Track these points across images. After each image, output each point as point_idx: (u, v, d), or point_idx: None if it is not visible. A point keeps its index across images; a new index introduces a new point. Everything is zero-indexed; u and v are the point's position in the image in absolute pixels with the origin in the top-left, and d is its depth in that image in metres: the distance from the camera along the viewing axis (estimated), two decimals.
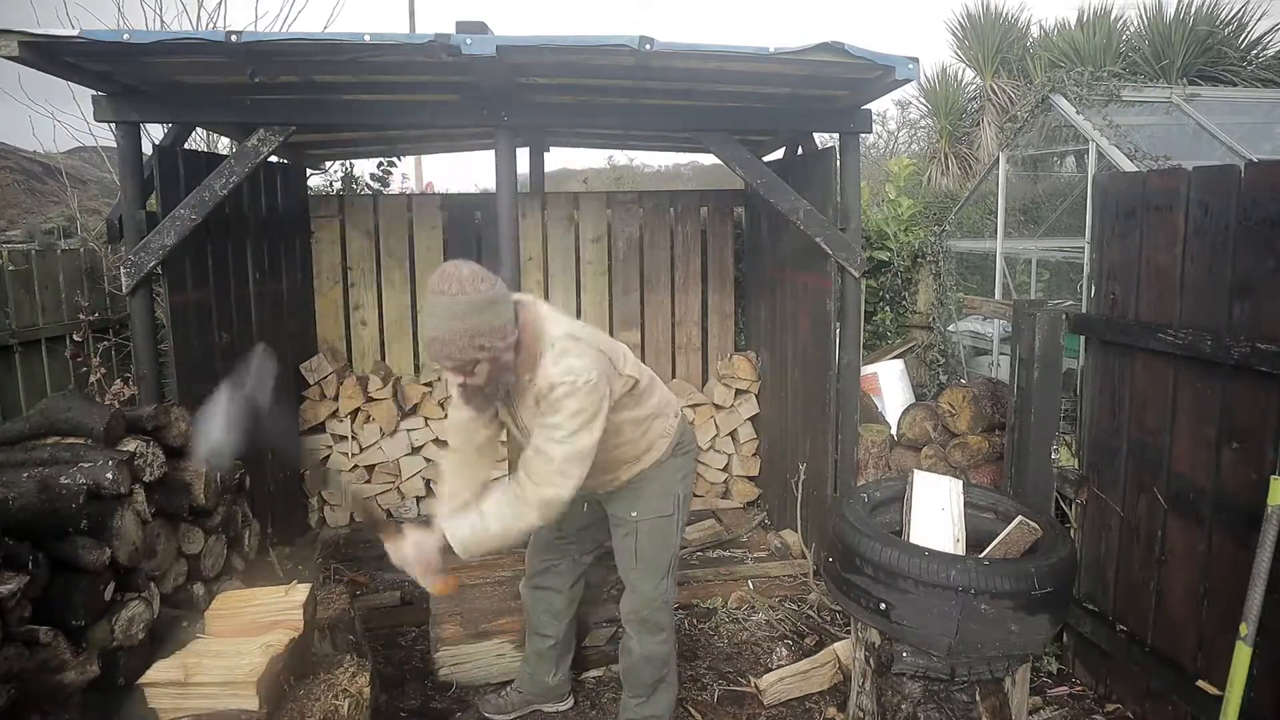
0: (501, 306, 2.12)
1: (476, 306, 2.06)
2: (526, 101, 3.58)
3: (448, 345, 2.07)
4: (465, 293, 2.05)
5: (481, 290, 2.07)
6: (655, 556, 2.60)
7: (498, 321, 2.10)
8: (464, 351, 2.08)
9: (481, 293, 2.07)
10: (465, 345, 2.06)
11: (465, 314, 2.04)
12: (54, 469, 2.36)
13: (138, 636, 2.38)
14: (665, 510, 2.59)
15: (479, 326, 2.06)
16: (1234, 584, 2.38)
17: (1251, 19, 8.91)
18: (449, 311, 2.05)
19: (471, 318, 2.05)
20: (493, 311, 2.09)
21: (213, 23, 6.36)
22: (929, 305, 6.21)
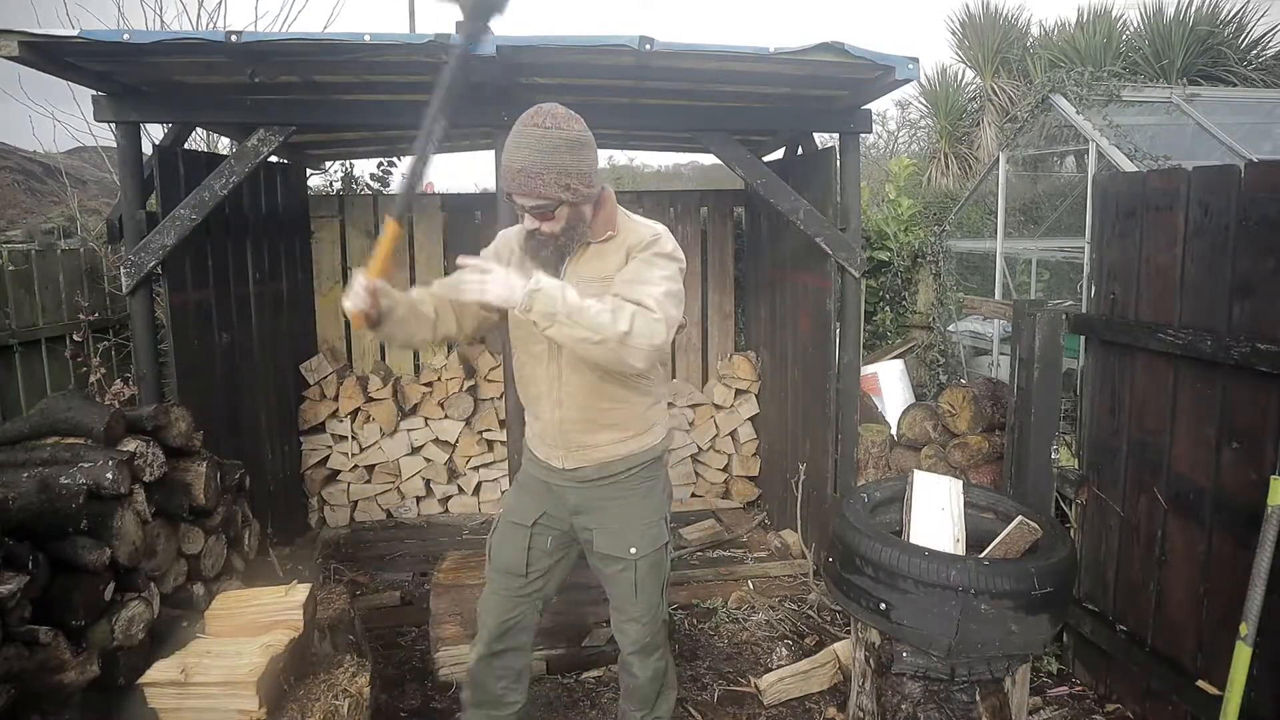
0: (592, 152, 2.01)
1: (570, 143, 1.96)
2: (527, 101, 3.55)
3: (535, 179, 1.94)
4: (560, 128, 1.95)
5: (575, 130, 1.98)
6: (654, 588, 2.36)
7: (586, 166, 1.99)
8: (549, 188, 1.95)
9: (576, 132, 1.97)
10: (553, 181, 1.94)
11: (558, 148, 1.94)
12: (54, 469, 2.36)
13: (138, 636, 2.38)
14: (662, 538, 2.34)
15: (570, 165, 1.95)
16: (1234, 584, 2.38)
17: (1251, 19, 8.93)
18: (542, 144, 1.94)
19: (564, 154, 1.95)
20: (584, 154, 1.99)
21: (213, 23, 6.37)
22: (929, 305, 6.20)
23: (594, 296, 1.98)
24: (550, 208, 1.99)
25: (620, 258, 2.11)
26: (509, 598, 2.35)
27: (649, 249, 2.07)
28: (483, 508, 5.04)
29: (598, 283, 2.09)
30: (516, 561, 2.34)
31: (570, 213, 2.02)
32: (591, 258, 2.13)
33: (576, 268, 2.13)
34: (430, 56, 2.87)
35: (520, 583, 2.35)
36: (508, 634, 2.38)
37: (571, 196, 1.99)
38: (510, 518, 2.39)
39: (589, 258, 2.13)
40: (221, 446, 3.38)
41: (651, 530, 2.31)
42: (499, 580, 2.37)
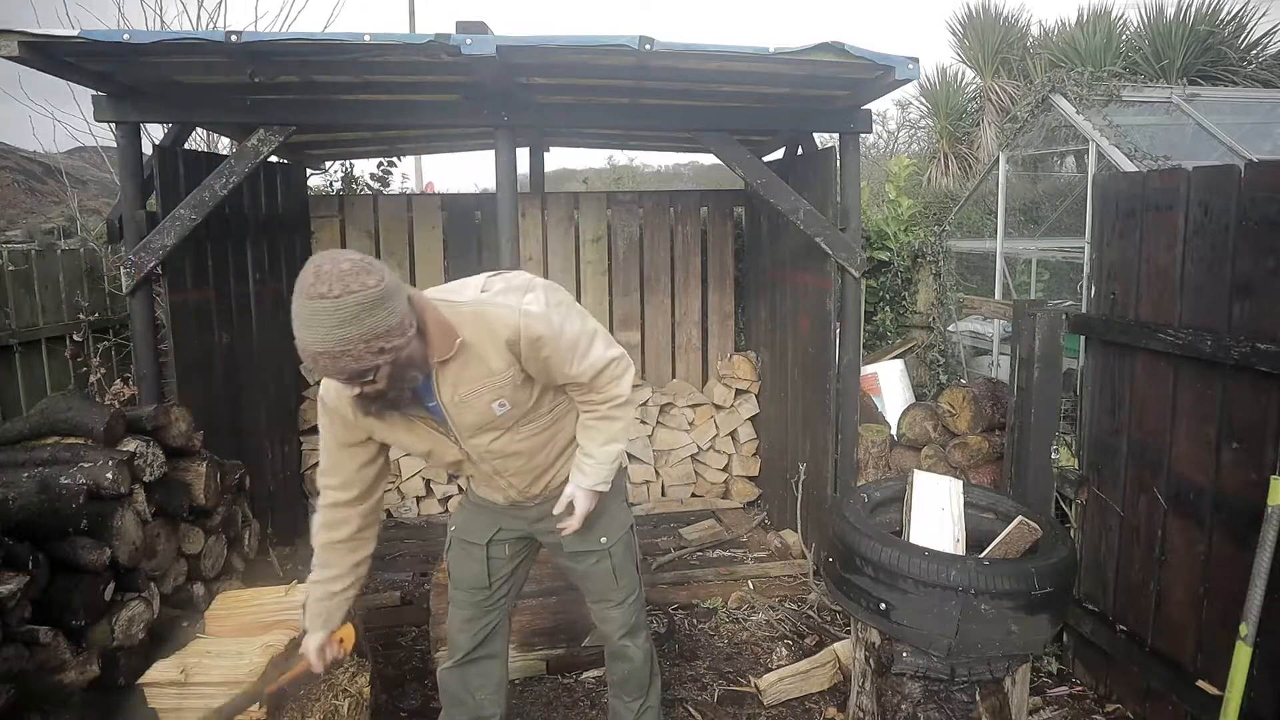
0: (396, 298, 1.74)
1: (369, 305, 1.67)
2: (526, 101, 3.58)
3: (341, 358, 1.68)
4: (352, 291, 1.65)
5: (370, 285, 1.67)
6: (631, 567, 2.38)
7: (395, 318, 1.72)
8: (361, 360, 1.70)
9: (370, 289, 1.67)
10: (363, 353, 1.69)
11: (356, 317, 1.66)
12: (54, 469, 2.37)
13: (138, 636, 2.38)
14: (628, 520, 2.38)
15: (376, 328, 1.68)
16: (1234, 584, 2.38)
17: (1251, 19, 8.92)
18: (336, 318, 1.65)
19: (366, 319, 1.67)
20: (389, 307, 1.71)
21: (213, 23, 6.37)
22: (929, 305, 6.20)
23: (495, 400, 1.96)
24: (369, 375, 1.75)
25: (498, 354, 1.93)
26: (478, 609, 2.32)
27: (537, 327, 1.91)
28: None
29: (488, 387, 1.96)
30: (478, 576, 2.30)
31: (391, 368, 1.76)
32: (456, 372, 1.93)
33: (450, 391, 1.95)
34: (430, 56, 2.87)
35: (485, 595, 2.32)
36: (483, 643, 2.35)
37: (391, 356, 1.74)
38: (463, 536, 2.32)
39: (451, 377, 1.93)
40: (221, 446, 3.38)
41: (619, 515, 2.33)
42: (464, 596, 2.32)
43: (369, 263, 1.73)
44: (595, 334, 2.05)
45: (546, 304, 1.97)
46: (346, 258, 1.71)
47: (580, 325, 2.02)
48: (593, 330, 2.05)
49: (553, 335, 1.93)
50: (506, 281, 2.04)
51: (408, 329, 1.77)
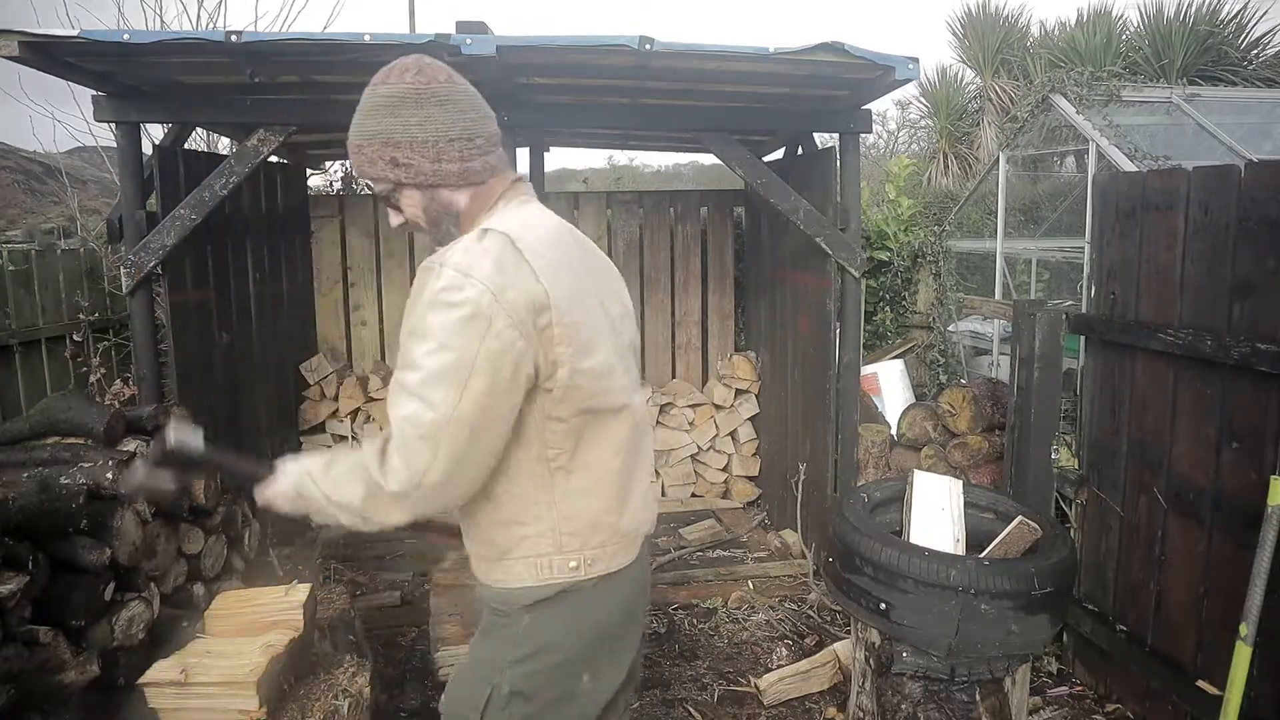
0: (440, 111, 1.43)
1: (397, 100, 1.42)
2: (526, 101, 3.58)
3: (357, 153, 1.47)
4: (388, 81, 1.44)
5: (409, 82, 1.43)
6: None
7: (427, 130, 1.42)
8: (375, 165, 1.45)
9: (408, 84, 1.42)
10: (374, 155, 1.44)
11: (379, 109, 1.44)
12: (54, 469, 2.36)
13: (138, 636, 2.38)
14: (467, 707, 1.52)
15: (395, 130, 1.42)
16: (1234, 584, 2.37)
17: (1252, 19, 8.93)
18: (365, 105, 1.46)
19: (386, 116, 1.43)
20: (423, 112, 1.42)
21: (212, 23, 6.37)
22: (929, 305, 6.20)
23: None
24: (391, 193, 1.49)
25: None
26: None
27: (420, 299, 1.37)
28: None
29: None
30: None
31: (424, 199, 1.48)
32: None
33: None
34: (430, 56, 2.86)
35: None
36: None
37: (407, 175, 1.45)
38: None
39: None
40: (221, 446, 3.37)
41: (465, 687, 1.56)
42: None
43: (438, 67, 1.47)
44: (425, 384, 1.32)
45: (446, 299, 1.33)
46: (423, 58, 1.48)
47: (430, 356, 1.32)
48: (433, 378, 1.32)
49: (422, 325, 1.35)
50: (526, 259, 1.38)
51: (444, 158, 1.44)
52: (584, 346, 1.42)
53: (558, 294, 1.38)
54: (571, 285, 1.42)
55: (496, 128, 1.55)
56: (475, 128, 1.49)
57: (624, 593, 1.56)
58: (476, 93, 1.52)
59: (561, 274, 1.41)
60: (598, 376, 1.44)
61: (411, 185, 1.47)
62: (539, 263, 1.38)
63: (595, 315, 1.48)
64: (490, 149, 1.51)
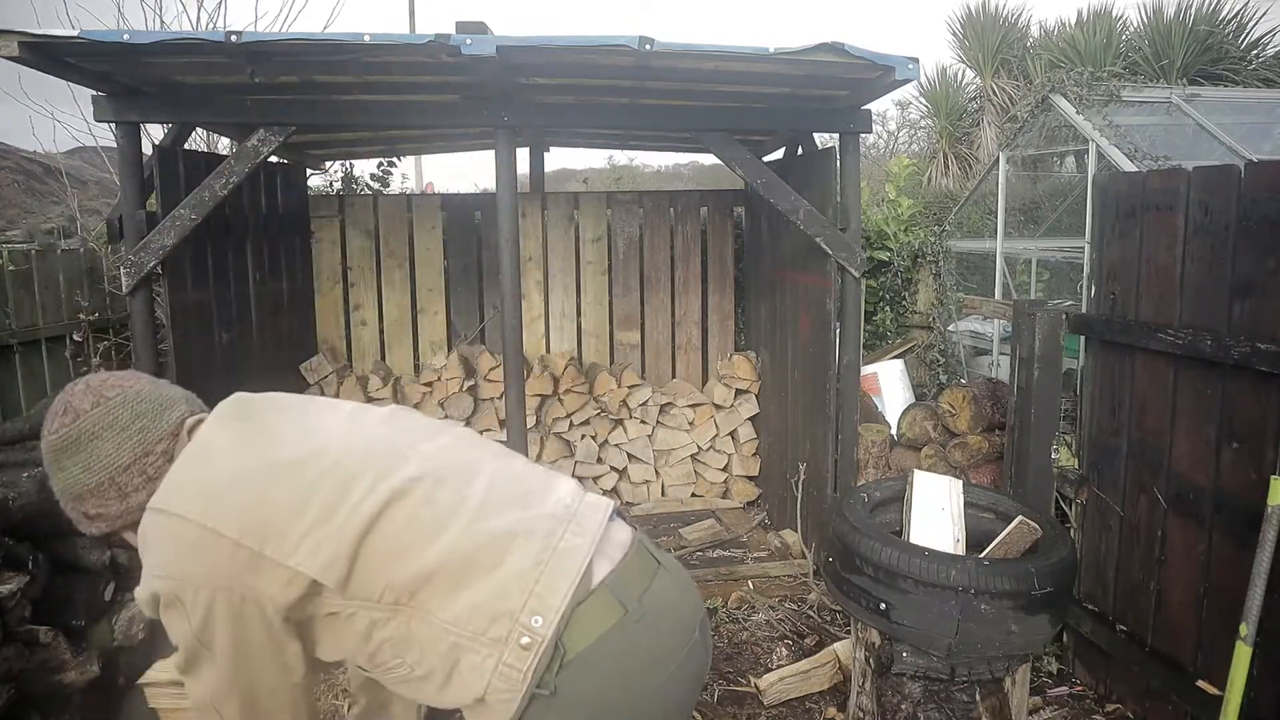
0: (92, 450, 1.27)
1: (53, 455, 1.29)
2: (526, 101, 3.58)
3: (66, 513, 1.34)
4: (45, 435, 1.30)
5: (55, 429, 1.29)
6: None
7: (92, 476, 1.27)
8: (80, 523, 1.32)
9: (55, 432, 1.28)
10: (72, 514, 1.32)
11: (50, 468, 1.31)
12: None
13: (138, 636, 2.38)
14: None
15: (69, 485, 1.29)
16: (1234, 584, 2.37)
17: (1252, 19, 8.93)
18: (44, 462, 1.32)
19: (56, 473, 1.30)
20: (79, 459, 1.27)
21: (213, 23, 6.36)
22: (929, 305, 6.21)
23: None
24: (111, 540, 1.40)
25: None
26: None
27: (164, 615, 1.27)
28: None
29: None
30: None
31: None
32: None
33: None
34: (430, 57, 2.87)
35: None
36: None
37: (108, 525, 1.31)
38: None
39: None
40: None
41: None
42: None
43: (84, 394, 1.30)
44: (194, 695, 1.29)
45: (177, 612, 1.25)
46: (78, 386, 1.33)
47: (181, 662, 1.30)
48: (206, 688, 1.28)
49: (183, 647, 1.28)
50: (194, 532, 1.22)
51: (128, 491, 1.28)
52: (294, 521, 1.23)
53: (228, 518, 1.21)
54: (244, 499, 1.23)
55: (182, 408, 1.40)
56: (148, 436, 1.31)
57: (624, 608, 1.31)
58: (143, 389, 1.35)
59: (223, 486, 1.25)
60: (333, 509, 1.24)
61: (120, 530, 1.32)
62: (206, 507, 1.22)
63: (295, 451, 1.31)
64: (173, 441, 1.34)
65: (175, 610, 1.22)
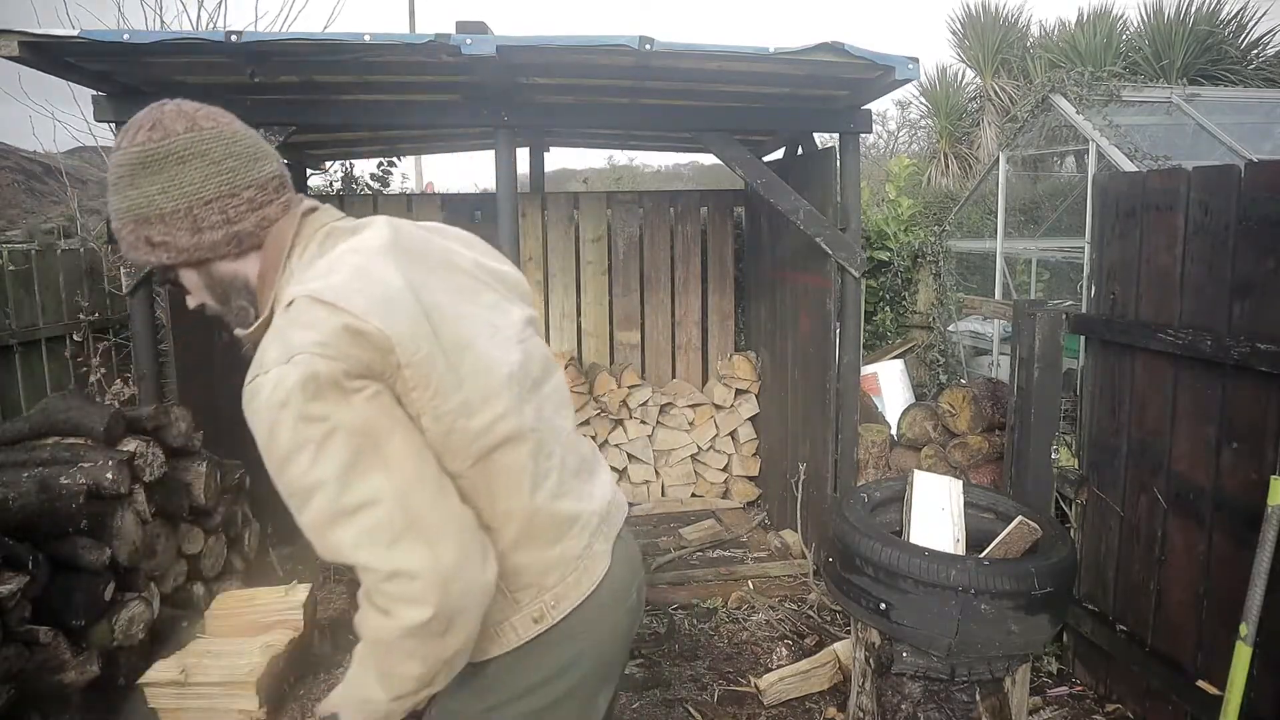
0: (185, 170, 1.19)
1: (130, 170, 1.19)
2: (526, 101, 3.58)
3: (118, 235, 1.25)
4: (121, 148, 1.21)
5: (139, 143, 1.19)
6: None
7: (173, 199, 1.19)
8: (135, 248, 1.23)
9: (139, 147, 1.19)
10: (130, 237, 1.22)
11: (119, 182, 1.21)
12: (54, 469, 2.36)
13: (138, 636, 2.38)
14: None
15: (140, 205, 1.20)
16: (1234, 584, 2.37)
17: (1252, 19, 8.92)
18: (109, 178, 1.23)
19: (127, 188, 1.20)
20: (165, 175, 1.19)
21: (213, 23, 6.36)
22: (929, 305, 6.21)
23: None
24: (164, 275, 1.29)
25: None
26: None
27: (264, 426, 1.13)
28: None
29: None
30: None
31: (200, 277, 1.28)
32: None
33: None
34: (430, 56, 2.87)
35: None
36: None
37: (169, 256, 1.23)
38: None
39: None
40: (222, 446, 3.38)
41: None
42: None
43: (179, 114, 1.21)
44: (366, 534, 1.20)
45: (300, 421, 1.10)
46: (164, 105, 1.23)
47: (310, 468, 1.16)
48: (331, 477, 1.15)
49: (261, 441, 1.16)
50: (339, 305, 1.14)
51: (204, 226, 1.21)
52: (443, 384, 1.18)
53: (397, 329, 1.14)
54: (411, 314, 1.18)
55: (275, 166, 1.29)
56: (236, 179, 1.23)
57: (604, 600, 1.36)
58: (238, 130, 1.26)
59: (396, 305, 1.17)
60: (471, 412, 1.20)
61: (180, 265, 1.26)
62: (359, 304, 1.14)
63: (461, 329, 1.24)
64: (266, 199, 1.26)
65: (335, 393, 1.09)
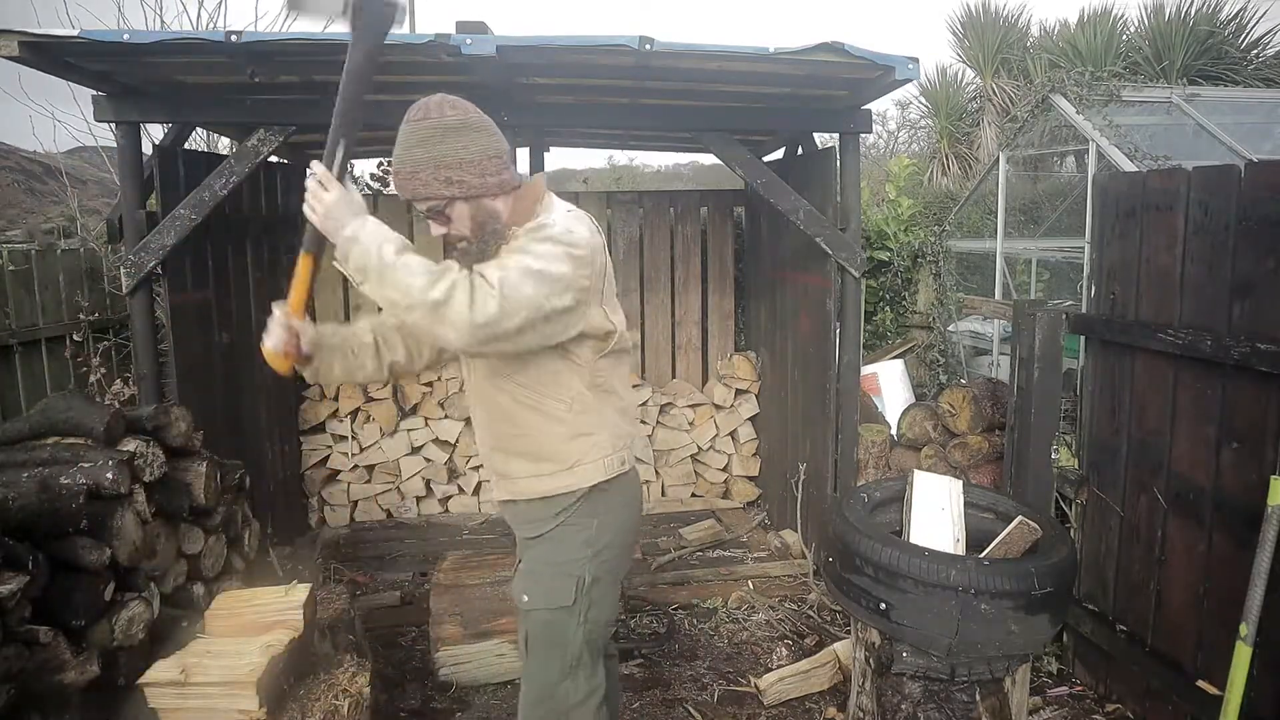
0: (478, 135, 1.78)
1: (444, 130, 1.75)
2: (526, 101, 3.58)
3: (412, 179, 1.77)
4: (431, 117, 1.76)
5: (453, 116, 1.76)
6: (551, 654, 1.99)
7: (470, 152, 1.76)
8: (429, 186, 1.76)
9: (454, 117, 1.76)
10: (430, 178, 1.76)
11: (428, 139, 1.75)
12: (54, 469, 2.36)
13: (138, 636, 2.38)
14: (563, 599, 1.95)
15: (446, 155, 1.75)
16: (1234, 584, 2.37)
17: (1251, 19, 8.92)
18: (413, 138, 1.76)
19: (436, 144, 1.75)
20: (465, 137, 1.76)
21: (213, 23, 6.37)
22: (929, 305, 6.21)
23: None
24: (443, 206, 1.80)
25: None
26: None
27: (532, 232, 1.80)
28: (483, 507, 5.04)
29: None
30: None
31: (471, 209, 1.80)
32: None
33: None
34: (430, 56, 2.87)
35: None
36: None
37: (460, 190, 1.77)
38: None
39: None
40: (221, 446, 3.38)
41: (551, 582, 1.97)
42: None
43: (464, 103, 1.80)
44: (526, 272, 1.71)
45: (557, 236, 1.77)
46: (446, 96, 1.81)
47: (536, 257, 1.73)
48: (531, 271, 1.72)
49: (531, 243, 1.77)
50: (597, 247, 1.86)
51: (488, 172, 1.79)
52: (608, 286, 1.92)
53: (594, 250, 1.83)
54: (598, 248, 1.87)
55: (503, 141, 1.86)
56: (503, 147, 1.84)
57: (638, 480, 2.12)
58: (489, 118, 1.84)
59: (595, 240, 1.86)
60: (614, 309, 1.94)
61: (462, 199, 1.79)
62: (584, 231, 1.82)
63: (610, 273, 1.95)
64: (510, 163, 1.86)
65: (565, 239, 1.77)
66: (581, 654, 1.99)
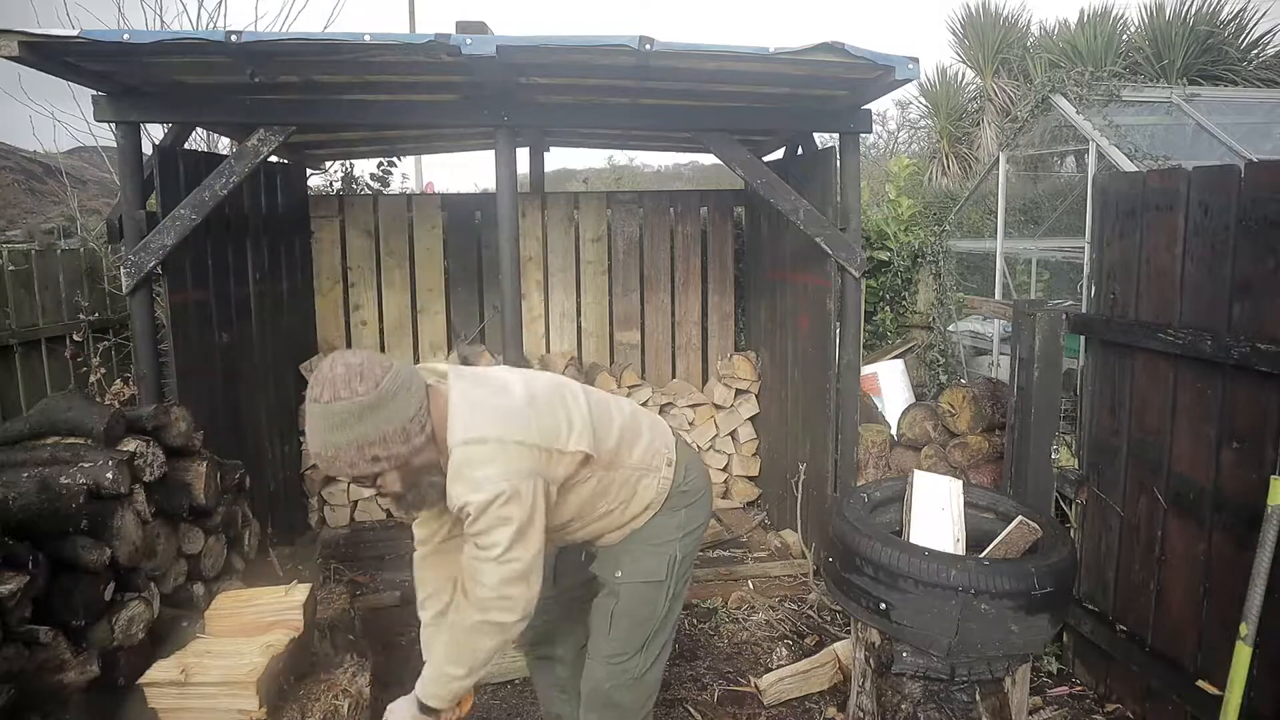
0: (393, 403, 1.68)
1: (358, 412, 1.65)
2: (526, 101, 3.58)
3: (334, 461, 1.69)
4: (340, 398, 1.65)
5: (359, 392, 1.65)
6: (634, 626, 2.14)
7: (392, 424, 1.68)
8: (356, 466, 1.69)
9: (359, 396, 1.64)
10: (355, 458, 1.68)
11: (344, 423, 1.65)
12: (54, 469, 2.36)
13: (138, 636, 2.38)
14: (656, 574, 2.13)
15: (367, 434, 1.66)
16: (1234, 584, 2.38)
17: (1251, 19, 8.91)
18: (325, 423, 1.66)
19: (354, 426, 1.65)
20: (383, 411, 1.67)
21: (213, 23, 6.37)
22: (929, 305, 6.21)
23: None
24: (373, 480, 1.75)
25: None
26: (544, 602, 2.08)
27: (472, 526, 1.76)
28: None
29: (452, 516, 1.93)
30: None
31: (400, 473, 1.75)
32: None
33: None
34: (430, 56, 2.87)
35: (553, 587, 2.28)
36: (546, 641, 2.46)
37: (390, 463, 1.71)
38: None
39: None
40: (221, 446, 3.38)
41: (646, 559, 2.14)
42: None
43: (368, 366, 1.68)
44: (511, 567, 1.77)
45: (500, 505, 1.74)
46: (346, 361, 1.69)
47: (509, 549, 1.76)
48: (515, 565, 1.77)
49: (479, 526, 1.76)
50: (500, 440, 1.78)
51: (412, 435, 1.72)
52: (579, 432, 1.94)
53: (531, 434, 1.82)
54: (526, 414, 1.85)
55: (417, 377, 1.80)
56: (418, 396, 1.75)
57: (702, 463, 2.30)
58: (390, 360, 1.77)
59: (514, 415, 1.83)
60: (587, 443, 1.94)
61: (393, 469, 1.74)
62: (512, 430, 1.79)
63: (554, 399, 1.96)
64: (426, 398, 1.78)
65: (516, 501, 1.74)
66: (661, 629, 2.17)
